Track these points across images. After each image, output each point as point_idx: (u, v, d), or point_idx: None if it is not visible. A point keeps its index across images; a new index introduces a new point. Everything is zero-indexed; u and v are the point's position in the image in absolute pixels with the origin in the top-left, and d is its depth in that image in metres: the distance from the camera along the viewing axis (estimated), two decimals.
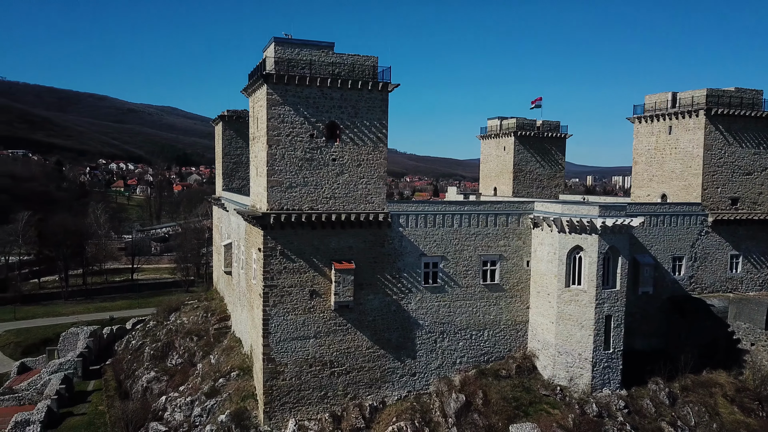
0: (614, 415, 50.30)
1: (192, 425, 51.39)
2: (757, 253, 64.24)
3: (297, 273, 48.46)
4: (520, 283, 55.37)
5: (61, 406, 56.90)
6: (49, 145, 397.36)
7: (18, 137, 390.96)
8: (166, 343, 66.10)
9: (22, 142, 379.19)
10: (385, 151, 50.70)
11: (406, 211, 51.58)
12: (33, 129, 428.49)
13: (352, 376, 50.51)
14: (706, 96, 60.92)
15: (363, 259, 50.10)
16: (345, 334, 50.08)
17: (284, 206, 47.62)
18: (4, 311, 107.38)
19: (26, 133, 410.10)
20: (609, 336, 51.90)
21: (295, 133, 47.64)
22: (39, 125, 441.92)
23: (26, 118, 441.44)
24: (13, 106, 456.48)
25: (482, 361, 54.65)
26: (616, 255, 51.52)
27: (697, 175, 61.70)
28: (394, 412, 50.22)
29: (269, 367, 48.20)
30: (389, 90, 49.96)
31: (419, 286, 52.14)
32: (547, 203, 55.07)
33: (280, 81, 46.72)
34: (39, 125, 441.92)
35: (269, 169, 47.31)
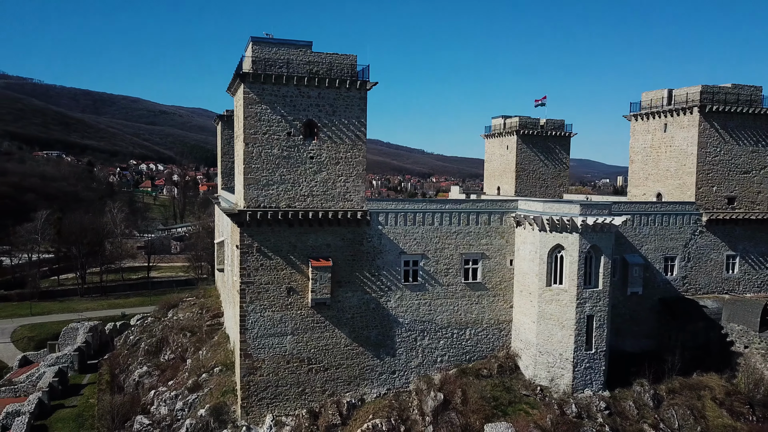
0: (594, 416, 49.63)
1: (174, 419, 52.29)
2: (756, 253, 62.60)
3: (274, 270, 48.92)
4: (503, 282, 54.98)
5: (54, 398, 58.44)
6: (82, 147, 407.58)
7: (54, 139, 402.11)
8: (160, 338, 67.36)
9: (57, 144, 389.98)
10: (363, 149, 50.88)
11: (386, 210, 51.74)
12: (68, 131, 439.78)
13: (330, 373, 50.78)
14: (700, 93, 59.62)
15: (341, 256, 50.35)
16: (323, 331, 50.38)
17: (261, 204, 48.13)
18: (22, 307, 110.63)
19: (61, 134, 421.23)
20: (591, 336, 51.20)
21: (272, 131, 48.13)
22: (73, 127, 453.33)
23: (62, 120, 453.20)
24: (49, 109, 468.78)
25: (464, 360, 54.41)
26: (598, 254, 50.80)
27: (691, 174, 60.47)
28: (372, 410, 50.30)
29: (246, 362, 48.77)
30: (367, 88, 50.12)
31: (399, 284, 52.17)
32: (530, 202, 54.62)
33: (256, 80, 47.29)
34: (73, 127, 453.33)
35: (246, 167, 47.91)
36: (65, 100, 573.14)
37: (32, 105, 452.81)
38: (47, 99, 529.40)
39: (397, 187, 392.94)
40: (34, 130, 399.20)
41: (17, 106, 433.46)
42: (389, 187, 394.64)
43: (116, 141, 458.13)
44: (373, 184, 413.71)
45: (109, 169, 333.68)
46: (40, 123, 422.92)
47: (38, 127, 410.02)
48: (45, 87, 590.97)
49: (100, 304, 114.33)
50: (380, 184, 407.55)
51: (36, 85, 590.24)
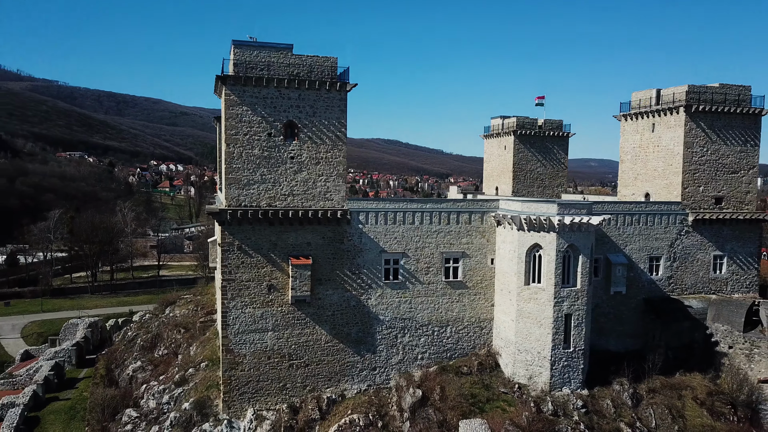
0: (570, 414, 49.96)
1: (160, 412, 53.76)
2: (744, 253, 62.29)
3: (255, 267, 50.12)
4: (484, 281, 55.56)
5: (49, 391, 60.36)
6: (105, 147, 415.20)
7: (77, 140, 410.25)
8: (155, 335, 69.05)
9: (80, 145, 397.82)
10: (344, 149, 51.89)
11: (366, 209, 52.61)
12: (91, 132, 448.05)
13: (311, 368, 51.84)
14: (686, 93, 59.57)
15: (321, 255, 51.39)
16: (303, 327, 51.45)
17: (242, 203, 49.39)
18: (34, 303, 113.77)
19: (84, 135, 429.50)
20: (569, 335, 51.56)
21: (253, 132, 49.37)
22: (96, 128, 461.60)
23: (85, 122, 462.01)
24: (73, 111, 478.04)
25: (445, 358, 55.09)
26: (576, 253, 51.14)
27: (677, 174, 60.42)
28: (351, 405, 51.24)
29: (228, 357, 50.05)
30: (347, 90, 51.13)
31: (380, 282, 53.03)
32: (510, 201, 55.14)
33: (237, 82, 48.62)
34: (96, 128, 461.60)
35: (227, 167, 49.23)
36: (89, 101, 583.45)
37: (57, 107, 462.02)
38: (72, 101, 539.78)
39: (413, 188, 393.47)
40: (58, 131, 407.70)
41: (42, 108, 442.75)
42: (406, 187, 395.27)
43: (137, 142, 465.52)
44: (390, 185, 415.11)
45: (129, 170, 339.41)
46: (64, 124, 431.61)
47: (62, 129, 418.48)
48: (70, 89, 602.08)
49: (109, 301, 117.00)
50: (397, 185, 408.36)
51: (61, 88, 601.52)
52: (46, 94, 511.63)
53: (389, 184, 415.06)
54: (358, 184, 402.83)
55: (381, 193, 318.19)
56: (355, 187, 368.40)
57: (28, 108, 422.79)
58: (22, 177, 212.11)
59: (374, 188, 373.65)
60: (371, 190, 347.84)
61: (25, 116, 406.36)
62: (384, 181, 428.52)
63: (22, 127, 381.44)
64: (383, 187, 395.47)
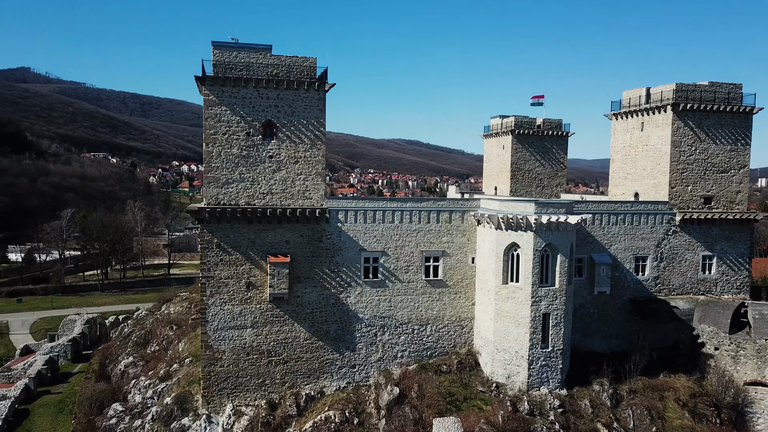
0: (546, 414, 49.79)
1: (145, 407, 54.83)
2: (734, 254, 61.34)
3: (233, 265, 50.88)
4: (464, 280, 55.62)
5: (42, 385, 61.92)
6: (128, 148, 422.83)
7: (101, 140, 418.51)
8: (149, 331, 70.31)
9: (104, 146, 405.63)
10: (323, 148, 52.38)
11: (345, 207, 53.04)
12: (115, 133, 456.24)
13: (289, 365, 52.43)
14: (673, 91, 58.93)
15: (300, 253, 51.96)
16: (282, 325, 52.06)
17: (221, 201, 50.20)
18: (45, 300, 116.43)
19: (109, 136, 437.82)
20: (547, 334, 51.38)
21: (231, 131, 50.15)
22: (120, 129, 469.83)
23: (109, 123, 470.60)
24: (98, 112, 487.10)
25: (425, 356, 55.26)
26: (555, 252, 50.94)
27: (665, 173, 59.78)
28: (329, 402, 51.73)
29: (207, 353, 50.88)
30: (326, 89, 51.66)
31: (359, 280, 53.42)
32: (490, 201, 55.15)
33: (215, 82, 49.49)
34: (120, 129, 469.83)
35: (206, 166, 50.10)
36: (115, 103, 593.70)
37: (83, 108, 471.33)
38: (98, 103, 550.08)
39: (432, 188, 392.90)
40: (83, 132, 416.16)
41: (68, 109, 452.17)
42: (424, 188, 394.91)
43: (160, 143, 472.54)
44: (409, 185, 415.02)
45: (150, 170, 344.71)
46: (89, 126, 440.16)
47: (87, 130, 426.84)
48: (96, 91, 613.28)
49: (117, 299, 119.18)
50: (416, 185, 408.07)
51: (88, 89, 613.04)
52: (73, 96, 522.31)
53: (408, 184, 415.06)
54: (377, 184, 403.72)
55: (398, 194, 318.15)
56: (373, 187, 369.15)
57: (54, 110, 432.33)
58: (43, 177, 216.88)
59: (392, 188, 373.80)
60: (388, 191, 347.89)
61: (52, 118, 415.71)
62: (403, 182, 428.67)
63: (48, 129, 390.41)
64: (402, 187, 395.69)
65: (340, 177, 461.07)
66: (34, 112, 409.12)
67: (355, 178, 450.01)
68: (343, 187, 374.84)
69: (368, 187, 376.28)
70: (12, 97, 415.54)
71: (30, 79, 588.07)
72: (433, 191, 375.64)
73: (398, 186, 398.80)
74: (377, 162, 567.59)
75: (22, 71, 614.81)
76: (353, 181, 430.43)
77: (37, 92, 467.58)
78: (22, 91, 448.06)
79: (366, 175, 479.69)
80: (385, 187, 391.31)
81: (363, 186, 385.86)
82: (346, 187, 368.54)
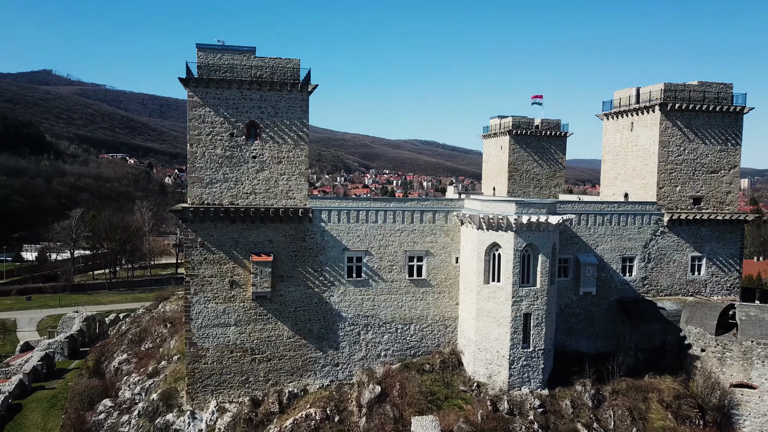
0: (526, 413, 49.87)
1: (133, 402, 55.81)
2: (724, 255, 60.79)
3: (217, 264, 51.66)
4: (448, 280, 55.85)
5: (38, 381, 63.28)
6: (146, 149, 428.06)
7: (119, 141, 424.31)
8: (144, 329, 71.42)
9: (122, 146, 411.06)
10: (306, 148, 52.97)
11: (329, 207, 53.55)
12: (133, 134, 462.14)
13: (273, 363, 53.06)
14: (662, 91, 58.61)
15: (283, 252, 52.58)
16: (265, 323, 52.72)
17: (205, 201, 51.02)
18: (54, 298, 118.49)
19: (127, 137, 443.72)
20: (528, 334, 51.44)
21: (215, 132, 50.95)
22: (138, 130, 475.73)
23: (127, 124, 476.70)
24: (117, 113, 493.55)
25: (408, 355, 55.59)
26: (536, 252, 51.00)
27: (653, 173, 59.47)
28: (311, 400, 52.29)
29: (191, 351, 51.72)
30: (309, 90, 52.26)
31: (342, 279, 53.91)
32: (473, 201, 55.35)
33: (199, 84, 50.32)
34: (138, 130, 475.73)
35: (190, 166, 50.96)
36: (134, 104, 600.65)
37: (102, 110, 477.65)
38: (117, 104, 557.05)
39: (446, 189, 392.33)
40: (101, 133, 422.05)
41: (88, 111, 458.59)
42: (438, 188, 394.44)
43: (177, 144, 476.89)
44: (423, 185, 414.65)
45: (167, 171, 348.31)
46: (107, 127, 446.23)
47: (105, 131, 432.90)
48: (116, 93, 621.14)
49: (124, 297, 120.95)
50: (430, 186, 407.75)
51: (108, 91, 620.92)
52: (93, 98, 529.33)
53: (422, 185, 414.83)
54: (391, 185, 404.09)
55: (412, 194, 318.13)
56: (387, 188, 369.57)
57: (74, 111, 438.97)
58: (58, 177, 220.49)
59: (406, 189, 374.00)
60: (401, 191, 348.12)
61: (72, 119, 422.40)
62: (417, 182, 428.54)
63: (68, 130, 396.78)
64: (416, 188, 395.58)
65: (355, 177, 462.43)
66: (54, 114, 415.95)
67: (370, 179, 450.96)
68: (357, 187, 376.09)
69: (382, 187, 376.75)
70: (33, 99, 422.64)
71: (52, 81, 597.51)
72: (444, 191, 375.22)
73: (412, 187, 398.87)
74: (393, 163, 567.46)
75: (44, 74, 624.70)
76: (368, 181, 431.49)
77: (58, 94, 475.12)
78: (43, 93, 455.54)
79: (381, 175, 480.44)
80: (399, 187, 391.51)
81: (377, 187, 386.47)
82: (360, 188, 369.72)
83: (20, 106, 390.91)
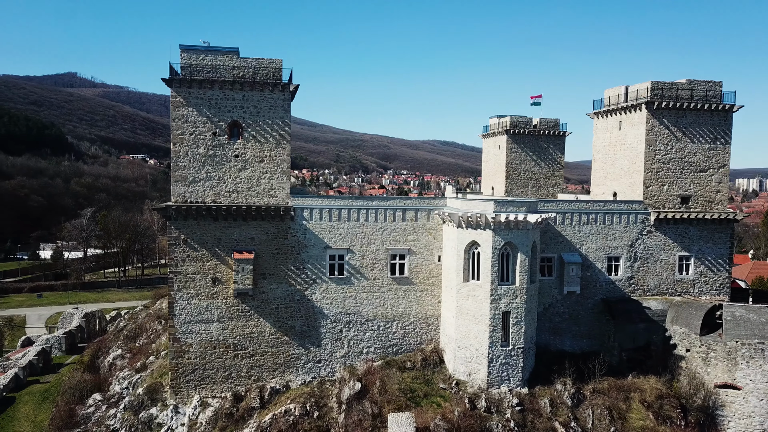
0: (503, 411, 49.95)
1: (121, 396, 57.03)
2: (713, 255, 60.14)
3: (200, 261, 52.57)
4: (431, 278, 56.12)
5: (33, 375, 64.87)
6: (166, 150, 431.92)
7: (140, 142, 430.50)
8: (139, 325, 72.81)
9: (143, 147, 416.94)
10: (288, 147, 53.67)
11: (311, 205, 54.16)
12: (153, 135, 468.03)
13: (255, 359, 53.82)
14: (649, 89, 58.24)
15: (265, 250, 53.33)
16: (248, 319, 53.49)
17: (188, 199, 51.97)
18: (64, 296, 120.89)
19: (147, 138, 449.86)
20: (508, 332, 51.51)
21: (198, 131, 51.89)
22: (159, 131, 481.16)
23: (148, 125, 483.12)
24: (138, 115, 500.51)
25: (391, 353, 55.95)
26: (515, 251, 51.07)
27: (640, 172, 59.11)
28: (292, 396, 52.91)
29: (175, 346, 52.68)
30: (291, 90, 52.97)
31: (324, 277, 54.48)
32: (454, 200, 55.58)
33: (182, 84, 51.28)
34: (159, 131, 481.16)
35: (173, 165, 51.97)
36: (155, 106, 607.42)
37: (123, 111, 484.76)
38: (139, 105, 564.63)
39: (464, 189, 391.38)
40: (123, 134, 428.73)
41: (110, 112, 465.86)
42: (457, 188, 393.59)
43: None
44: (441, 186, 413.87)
45: None
46: (129, 128, 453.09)
47: (127, 132, 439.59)
48: (138, 94, 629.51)
49: (132, 295, 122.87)
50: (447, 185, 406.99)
51: (131, 93, 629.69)
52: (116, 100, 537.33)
53: (439, 185, 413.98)
54: (408, 185, 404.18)
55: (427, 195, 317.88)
56: (404, 188, 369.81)
57: (96, 113, 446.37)
58: (76, 178, 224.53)
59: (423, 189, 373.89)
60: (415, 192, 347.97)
61: (94, 121, 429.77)
62: (435, 183, 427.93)
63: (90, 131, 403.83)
64: (433, 188, 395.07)
65: (372, 178, 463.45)
66: (77, 116, 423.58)
67: (388, 180, 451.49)
68: (374, 188, 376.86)
69: (398, 188, 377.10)
70: (57, 101, 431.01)
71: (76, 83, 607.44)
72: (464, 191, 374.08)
73: (429, 187, 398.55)
74: (411, 163, 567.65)
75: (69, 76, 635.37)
76: (385, 182, 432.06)
77: (81, 96, 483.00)
78: (67, 95, 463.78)
79: (399, 176, 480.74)
80: (416, 188, 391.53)
81: (394, 187, 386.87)
82: (377, 188, 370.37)
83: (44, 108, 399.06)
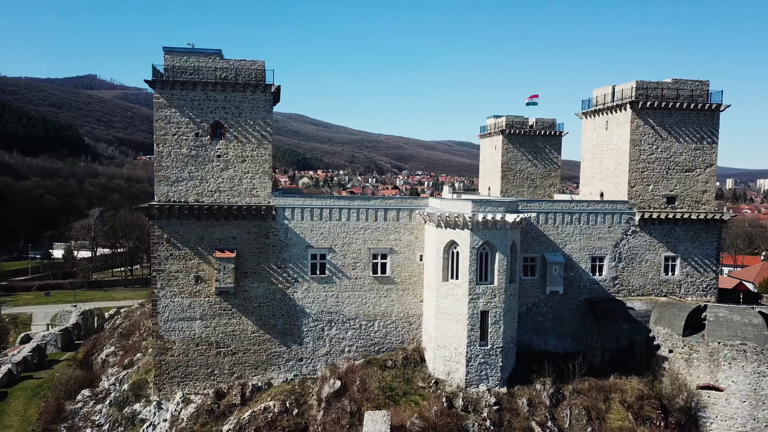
0: (481, 410, 50.10)
1: (108, 393, 58.02)
2: (700, 255, 59.65)
3: (183, 260, 53.37)
4: (412, 277, 56.39)
5: (27, 371, 66.19)
6: None
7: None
8: (134, 322, 73.87)
9: None
10: (270, 147, 54.33)
11: (292, 205, 54.73)
12: None
13: (237, 357, 54.50)
14: (634, 89, 57.98)
15: (247, 248, 54.00)
16: (230, 317, 54.17)
17: (171, 198, 52.82)
18: (71, 294, 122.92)
19: None
20: (486, 332, 51.63)
21: (180, 132, 52.72)
22: None
23: None
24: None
25: (372, 351, 56.30)
26: (493, 250, 51.18)
27: (625, 172, 58.86)
28: (273, 393, 53.51)
29: (158, 343, 53.55)
30: (272, 91, 53.60)
31: (306, 276, 54.99)
32: (436, 200, 55.82)
33: (165, 85, 52.22)
34: None
35: (156, 165, 52.85)
36: None
37: (140, 113, 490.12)
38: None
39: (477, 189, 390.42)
40: (139, 135, 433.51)
41: (127, 114, 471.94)
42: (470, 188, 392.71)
43: None
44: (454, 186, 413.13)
45: None
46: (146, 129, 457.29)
47: (143, 133, 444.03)
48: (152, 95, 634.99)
49: (138, 294, 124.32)
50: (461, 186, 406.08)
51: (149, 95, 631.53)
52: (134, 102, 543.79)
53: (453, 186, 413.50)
54: (422, 186, 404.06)
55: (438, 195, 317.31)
56: (417, 189, 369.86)
57: (114, 114, 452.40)
58: (90, 178, 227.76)
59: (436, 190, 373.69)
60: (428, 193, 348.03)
61: (112, 122, 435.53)
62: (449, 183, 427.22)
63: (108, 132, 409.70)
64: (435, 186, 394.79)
65: (386, 179, 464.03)
66: (95, 117, 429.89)
67: (402, 180, 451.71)
68: (387, 188, 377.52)
69: (411, 188, 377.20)
70: (76, 103, 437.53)
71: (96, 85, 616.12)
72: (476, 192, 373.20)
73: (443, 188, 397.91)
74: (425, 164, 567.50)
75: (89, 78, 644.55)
76: (399, 183, 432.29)
77: (99, 98, 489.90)
78: (85, 97, 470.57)
79: (413, 177, 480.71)
80: (430, 188, 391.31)
81: (407, 188, 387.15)
82: (390, 189, 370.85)
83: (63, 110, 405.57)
